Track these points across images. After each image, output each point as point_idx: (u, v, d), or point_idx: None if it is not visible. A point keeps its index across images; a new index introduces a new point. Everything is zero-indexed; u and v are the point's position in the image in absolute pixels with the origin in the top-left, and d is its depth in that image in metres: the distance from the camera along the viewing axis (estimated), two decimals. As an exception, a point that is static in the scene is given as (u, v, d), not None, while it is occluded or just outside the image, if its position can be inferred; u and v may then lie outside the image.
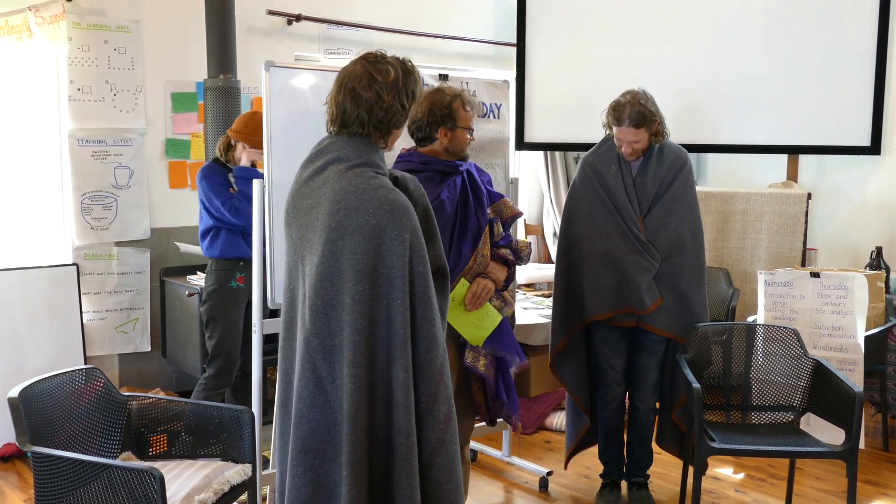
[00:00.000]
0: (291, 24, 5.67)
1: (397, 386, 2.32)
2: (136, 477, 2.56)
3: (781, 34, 5.40)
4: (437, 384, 2.38)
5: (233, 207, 4.05)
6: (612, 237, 3.67)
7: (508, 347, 3.29)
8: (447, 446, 2.40)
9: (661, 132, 3.66)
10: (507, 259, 3.32)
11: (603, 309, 3.69)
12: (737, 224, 5.52)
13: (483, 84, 4.11)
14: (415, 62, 2.57)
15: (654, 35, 5.61)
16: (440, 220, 3.11)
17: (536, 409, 5.02)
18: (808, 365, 3.65)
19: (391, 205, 2.32)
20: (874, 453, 4.64)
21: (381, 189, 2.34)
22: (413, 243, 2.34)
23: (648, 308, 3.63)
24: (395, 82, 2.42)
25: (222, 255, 4.15)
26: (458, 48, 6.43)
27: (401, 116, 2.47)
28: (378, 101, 2.41)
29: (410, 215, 2.36)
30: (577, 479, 4.17)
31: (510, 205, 3.38)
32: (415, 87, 2.49)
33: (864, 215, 5.65)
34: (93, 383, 3.10)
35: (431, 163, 3.18)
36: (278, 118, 3.46)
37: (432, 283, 2.41)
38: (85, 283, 4.93)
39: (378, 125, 2.43)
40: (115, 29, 5.01)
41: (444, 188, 3.16)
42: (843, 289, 4.41)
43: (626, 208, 3.66)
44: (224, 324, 4.16)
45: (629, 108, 3.55)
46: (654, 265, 3.63)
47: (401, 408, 2.32)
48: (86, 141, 4.94)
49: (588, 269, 3.72)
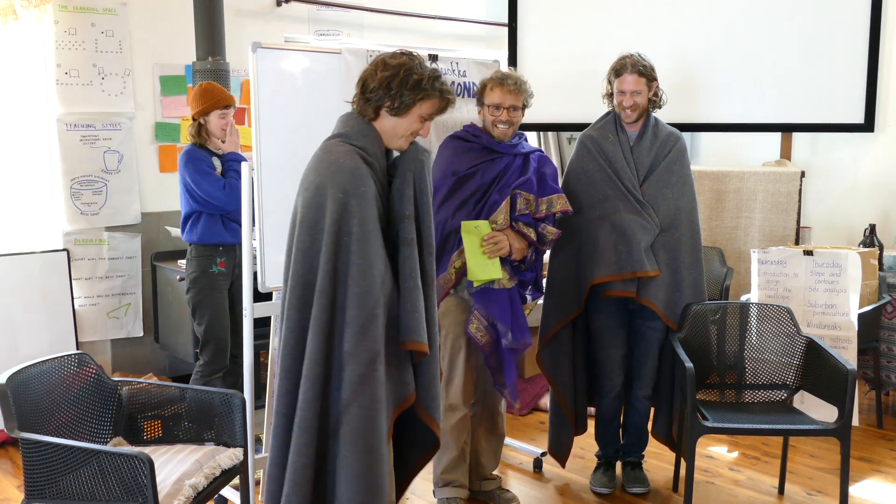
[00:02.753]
0: (280, 6, 5.62)
1: (309, 334, 2.46)
2: (125, 462, 2.55)
3: (774, 12, 5.36)
4: (356, 342, 2.44)
5: (228, 185, 4.02)
6: (609, 199, 3.64)
7: (504, 317, 3.38)
8: (359, 409, 2.45)
9: (658, 98, 3.70)
10: (525, 234, 3.41)
11: (604, 271, 3.61)
12: (730, 203, 5.51)
13: (474, 64, 4.08)
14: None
15: (646, 14, 5.57)
16: (469, 186, 3.42)
17: (531, 391, 5.02)
18: (801, 343, 3.65)
19: (336, 166, 2.48)
20: (868, 430, 4.65)
21: (334, 154, 2.51)
22: (348, 203, 2.44)
23: (648, 271, 3.58)
24: (398, 67, 2.54)
25: (201, 241, 4.13)
26: (449, 28, 6.39)
27: (389, 98, 2.54)
28: (374, 74, 2.55)
29: (352, 178, 2.46)
30: (572, 460, 4.17)
31: (563, 201, 3.51)
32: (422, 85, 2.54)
33: (857, 193, 5.63)
34: (83, 369, 3.08)
35: (481, 138, 3.50)
36: (266, 100, 3.42)
37: (374, 246, 2.48)
38: (76, 269, 4.91)
39: (365, 95, 2.57)
40: (102, 11, 4.96)
41: (484, 162, 3.44)
42: (837, 266, 4.40)
43: (625, 171, 3.64)
44: (211, 309, 4.15)
45: (630, 59, 3.65)
46: (653, 225, 3.60)
47: (308, 355, 2.45)
48: (74, 125, 4.90)
49: (586, 235, 3.67)
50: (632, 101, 3.62)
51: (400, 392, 2.61)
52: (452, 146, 3.54)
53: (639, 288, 3.62)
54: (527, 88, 3.51)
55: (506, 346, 3.39)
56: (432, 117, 2.64)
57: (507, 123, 3.46)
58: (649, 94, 3.66)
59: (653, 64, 3.69)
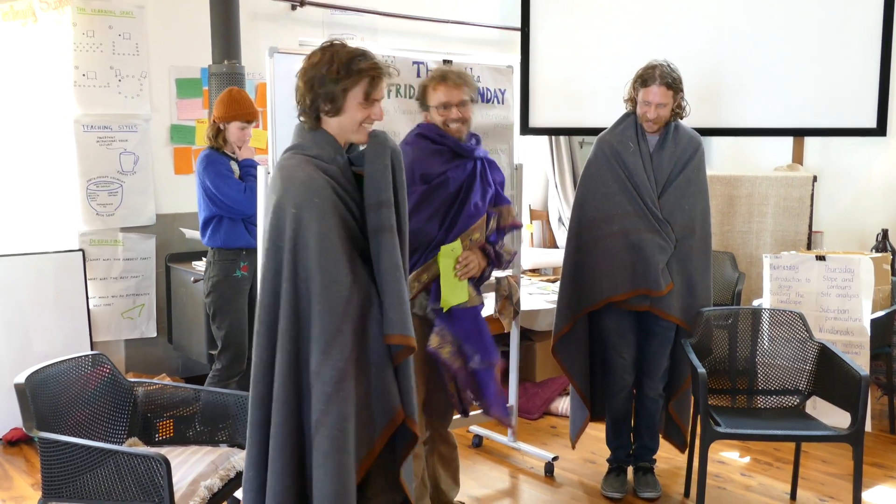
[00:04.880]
0: (296, 10, 5.65)
1: (277, 358, 2.39)
2: (142, 462, 2.57)
3: (786, 16, 5.37)
4: (320, 362, 2.34)
5: (248, 189, 4.04)
6: (629, 216, 3.62)
7: (470, 339, 3.19)
8: (328, 429, 2.33)
9: (681, 108, 3.66)
10: (488, 254, 3.27)
11: (619, 290, 3.62)
12: (742, 207, 5.51)
13: (487, 69, 4.09)
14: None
15: (659, 18, 5.58)
16: (440, 195, 3.16)
17: (542, 395, 5.03)
18: (813, 348, 3.65)
19: (289, 181, 2.38)
20: (880, 436, 4.64)
21: (288, 169, 2.42)
22: (301, 217, 2.33)
23: (663, 290, 3.59)
24: (312, 68, 2.43)
25: (225, 245, 4.14)
26: (462, 33, 6.40)
27: (322, 102, 2.42)
28: (301, 86, 2.47)
29: (304, 190, 2.35)
30: (583, 464, 4.18)
31: (513, 213, 3.37)
32: (340, 74, 2.40)
33: (869, 198, 5.63)
34: (99, 369, 3.11)
35: (447, 139, 3.21)
36: (282, 104, 3.43)
37: (335, 256, 2.36)
38: (91, 269, 4.94)
39: (303, 109, 2.48)
40: (120, 14, 5.00)
41: (453, 167, 3.18)
42: (849, 272, 4.40)
43: (644, 186, 3.61)
44: (232, 314, 4.16)
45: (659, 69, 3.57)
46: (670, 246, 3.61)
47: (277, 377, 2.39)
48: (91, 127, 4.94)
49: (602, 249, 3.66)
50: (656, 114, 3.57)
51: (386, 405, 2.48)
52: (420, 146, 3.23)
53: (652, 301, 3.64)
54: (471, 81, 3.27)
55: (474, 368, 3.21)
56: (375, 98, 2.46)
57: (459, 121, 3.21)
58: (674, 105, 3.60)
59: (679, 73, 3.61)
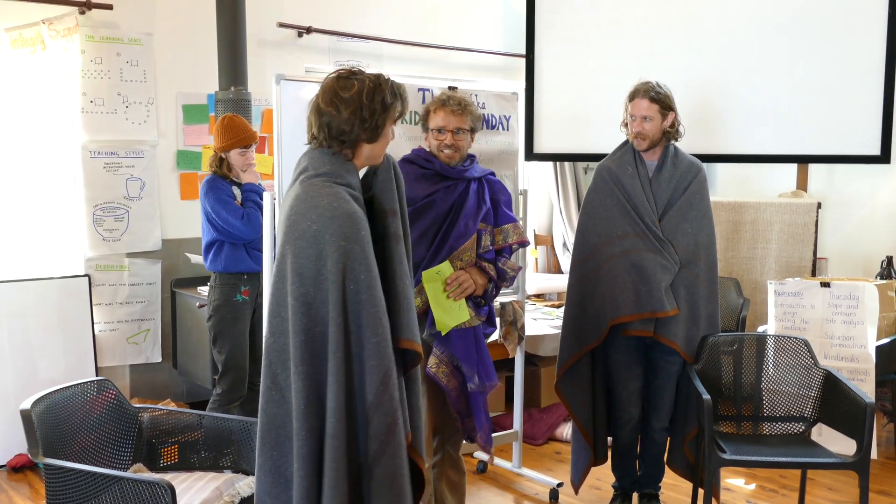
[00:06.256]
0: (302, 37, 5.70)
1: (329, 391, 2.37)
2: (147, 489, 2.57)
3: (790, 43, 5.39)
4: (379, 393, 2.39)
5: (245, 216, 4.07)
6: (629, 236, 3.62)
7: (469, 360, 3.20)
8: (389, 459, 2.41)
9: (675, 128, 3.68)
10: (487, 272, 3.27)
11: (622, 312, 3.61)
12: (747, 234, 5.52)
13: (492, 96, 4.12)
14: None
15: (663, 46, 5.61)
16: (427, 217, 3.18)
17: (546, 420, 5.02)
18: (818, 375, 3.64)
19: (333, 212, 2.37)
20: (886, 463, 4.62)
21: (327, 197, 2.39)
22: (351, 250, 2.36)
23: (668, 311, 3.58)
24: (357, 97, 2.45)
25: (226, 270, 4.18)
26: (467, 59, 6.45)
27: (363, 131, 2.47)
28: (336, 114, 2.45)
29: (351, 223, 2.38)
30: (588, 491, 4.17)
31: (520, 231, 3.39)
32: (387, 102, 2.48)
33: (874, 224, 5.64)
34: (104, 395, 3.11)
35: (434, 163, 3.25)
36: (289, 130, 3.48)
37: (381, 291, 2.41)
38: (97, 294, 4.96)
39: (338, 138, 2.47)
40: (128, 42, 5.05)
41: (441, 189, 3.22)
42: (854, 298, 4.40)
43: (644, 207, 3.62)
44: (232, 338, 4.19)
45: (645, 85, 3.65)
46: (673, 265, 3.60)
47: (331, 412, 2.36)
48: (98, 153, 4.98)
49: (605, 274, 3.66)
50: (640, 127, 3.60)
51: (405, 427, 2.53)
52: (405, 171, 3.15)
53: (657, 325, 3.62)
54: (473, 111, 3.28)
55: (472, 389, 3.22)
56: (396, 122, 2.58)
57: (452, 148, 3.23)
58: (663, 122, 3.62)
59: (670, 93, 3.66)
